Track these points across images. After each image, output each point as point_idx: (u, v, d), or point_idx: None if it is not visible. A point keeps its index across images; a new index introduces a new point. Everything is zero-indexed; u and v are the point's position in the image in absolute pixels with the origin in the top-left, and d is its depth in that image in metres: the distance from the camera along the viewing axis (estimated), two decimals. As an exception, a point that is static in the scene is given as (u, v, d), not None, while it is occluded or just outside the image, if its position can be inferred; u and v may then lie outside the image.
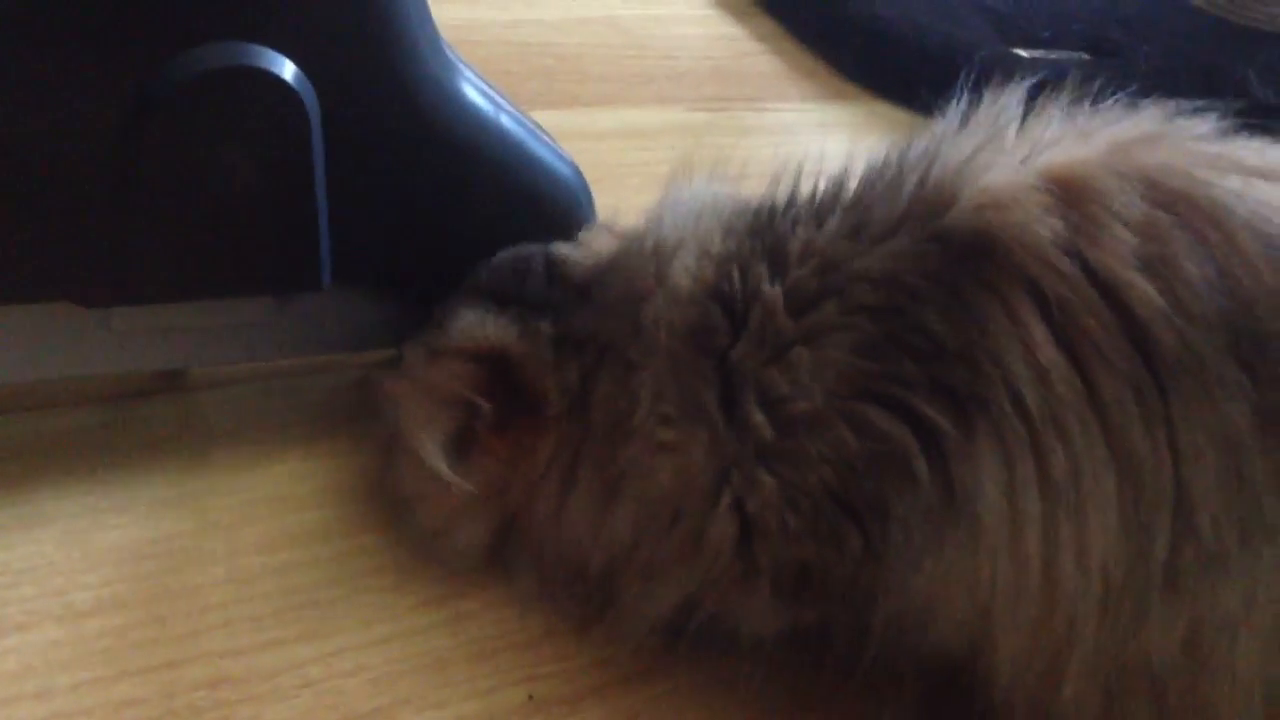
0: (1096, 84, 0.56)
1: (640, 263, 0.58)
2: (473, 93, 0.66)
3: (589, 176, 0.74)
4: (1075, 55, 1.38)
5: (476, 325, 0.60)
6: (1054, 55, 1.36)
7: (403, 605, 0.61)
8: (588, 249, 0.63)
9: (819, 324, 0.51)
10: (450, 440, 0.59)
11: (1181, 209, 0.47)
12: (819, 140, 1.17)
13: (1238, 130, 0.53)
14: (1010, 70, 1.28)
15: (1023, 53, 1.34)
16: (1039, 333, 0.47)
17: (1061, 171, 0.49)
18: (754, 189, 0.60)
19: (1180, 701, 0.48)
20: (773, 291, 0.52)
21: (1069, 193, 0.48)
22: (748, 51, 1.39)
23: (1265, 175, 0.49)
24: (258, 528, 0.65)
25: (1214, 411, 0.45)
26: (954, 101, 0.57)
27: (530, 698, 0.57)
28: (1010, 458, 0.47)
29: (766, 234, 0.55)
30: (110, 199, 0.60)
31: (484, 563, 0.62)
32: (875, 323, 0.50)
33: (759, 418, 0.51)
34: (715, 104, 1.25)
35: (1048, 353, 0.47)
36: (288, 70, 0.59)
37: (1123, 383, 0.46)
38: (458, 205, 0.66)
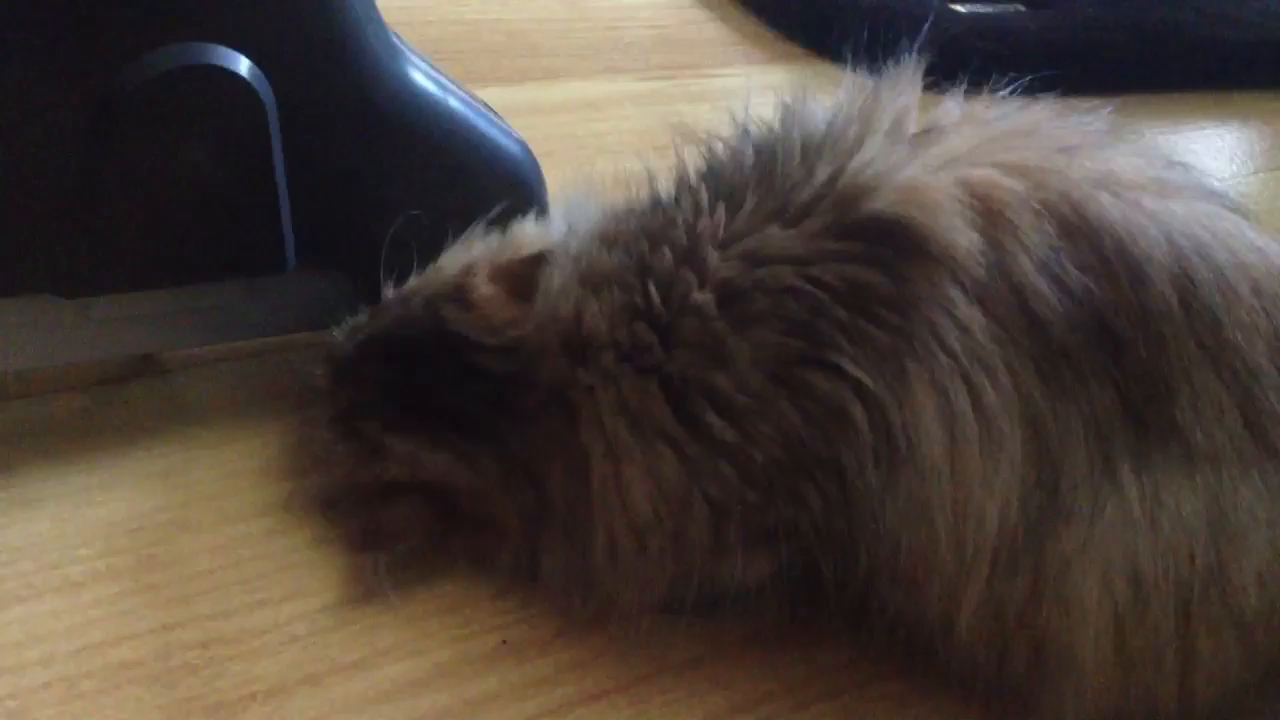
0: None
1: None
2: (420, 78, 0.69)
3: (541, 150, 0.77)
4: (1011, 7, 1.42)
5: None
6: (990, 9, 1.39)
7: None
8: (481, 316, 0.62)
9: (749, 313, 0.54)
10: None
11: (1074, 230, 0.53)
12: (766, 103, 1.19)
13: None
14: (948, 27, 1.31)
15: (960, 8, 1.37)
16: (958, 296, 0.52)
17: (980, 190, 0.54)
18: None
19: (1042, 637, 0.53)
20: (703, 297, 0.55)
21: (986, 211, 0.53)
22: (693, 20, 1.42)
23: (1146, 189, 0.55)
24: (240, 498, 0.68)
25: (1086, 394, 0.52)
26: (850, 73, 0.62)
27: (504, 642, 0.61)
28: (945, 390, 0.52)
29: (667, 232, 0.58)
30: (83, 194, 0.63)
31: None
32: (800, 301, 0.54)
33: (717, 421, 0.55)
34: (663, 72, 1.28)
35: (967, 310, 0.52)
36: (243, 66, 0.62)
37: (1027, 356, 0.52)
38: (411, 188, 0.69)
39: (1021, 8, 1.42)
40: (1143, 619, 0.51)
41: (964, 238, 0.52)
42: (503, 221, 0.68)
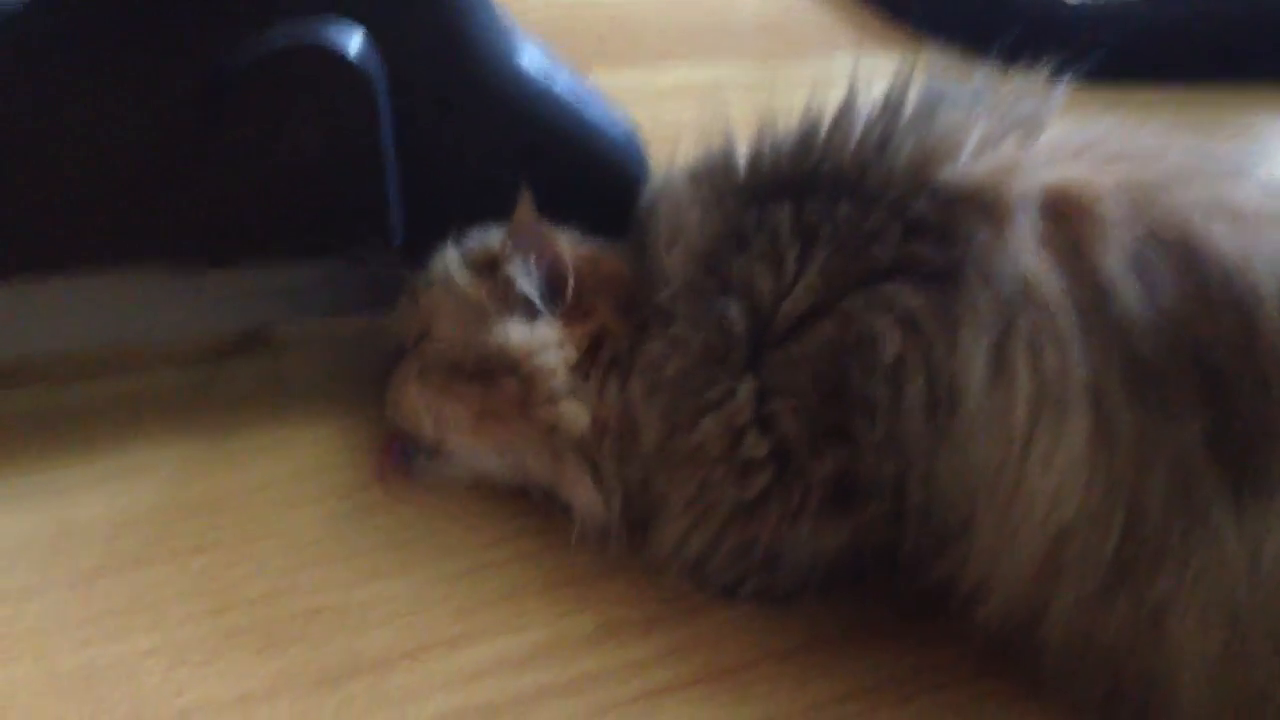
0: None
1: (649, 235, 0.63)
2: (530, 58, 0.69)
3: (646, 135, 0.77)
4: (1130, -1, 1.38)
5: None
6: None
7: (477, 543, 0.65)
8: None
9: (814, 237, 0.55)
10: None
11: (1172, 250, 0.51)
12: (875, 89, 1.17)
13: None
14: (1060, 16, 1.29)
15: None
16: (1027, 250, 0.51)
17: (1075, 185, 0.53)
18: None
19: (1142, 674, 0.52)
20: (786, 218, 0.56)
21: (1073, 205, 0.52)
22: (799, 5, 1.41)
23: (1271, 222, 0.52)
24: (344, 473, 0.69)
25: (1168, 418, 0.49)
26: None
27: (604, 624, 0.61)
28: (999, 344, 0.51)
29: (779, 172, 0.60)
30: (195, 168, 0.63)
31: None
32: (859, 227, 0.55)
33: (733, 312, 0.56)
34: (768, 58, 1.27)
35: (1033, 265, 0.51)
36: (354, 45, 0.62)
37: (1109, 362, 0.50)
38: (515, 169, 0.69)
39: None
40: (1243, 664, 0.49)
41: (1032, 221, 0.52)
42: (609, 207, 0.68)
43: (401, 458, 0.67)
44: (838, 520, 0.57)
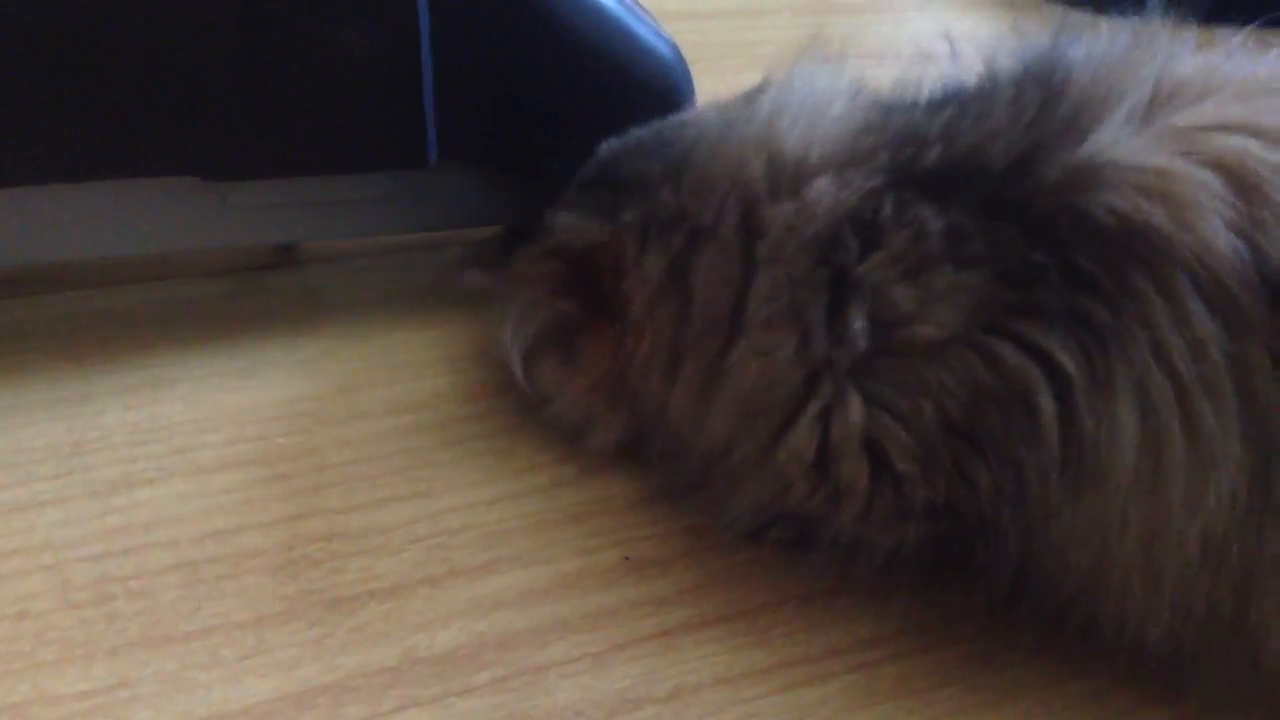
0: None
1: (746, 149, 0.57)
2: (575, -32, 0.67)
3: (691, 56, 0.75)
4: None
5: (567, 227, 0.61)
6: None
7: (508, 469, 0.64)
8: (694, 124, 0.63)
9: (967, 255, 0.51)
10: (550, 339, 0.62)
11: None
12: (923, 20, 1.16)
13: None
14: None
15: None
16: (1196, 308, 0.47)
17: (1233, 165, 0.48)
18: (871, 73, 0.60)
19: (1258, 646, 0.49)
20: (934, 221, 0.51)
21: (1240, 186, 0.48)
22: (855, -70, 1.37)
23: None
24: (373, 392, 0.68)
25: None
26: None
27: (626, 558, 0.60)
28: (1155, 410, 0.47)
29: (915, 161, 0.54)
30: (229, 77, 0.62)
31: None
32: (1022, 259, 0.50)
33: (858, 325, 0.51)
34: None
35: (1203, 324, 0.47)
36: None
37: (1264, 348, 0.46)
38: (557, 83, 0.67)
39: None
40: None
41: (1223, 239, 0.47)
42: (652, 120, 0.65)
43: None
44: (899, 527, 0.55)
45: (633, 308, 0.59)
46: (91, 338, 0.69)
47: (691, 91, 0.73)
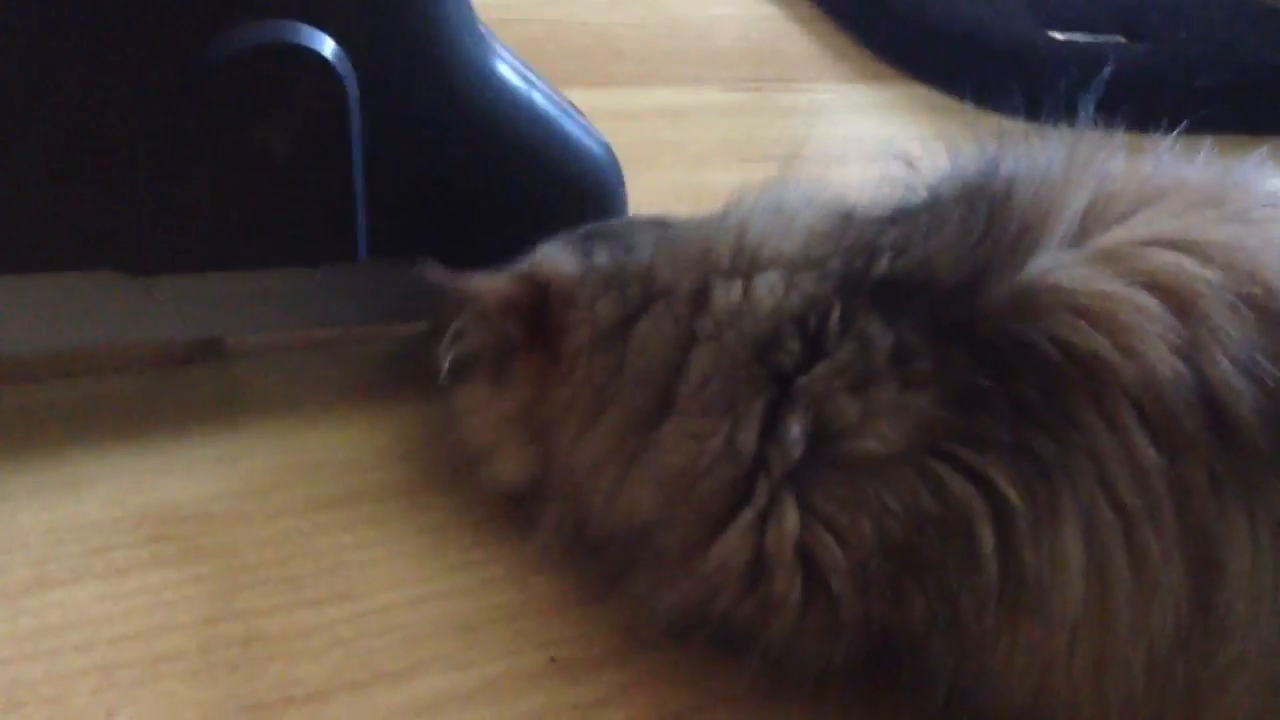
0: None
1: (718, 234, 0.58)
2: (506, 70, 0.68)
3: (623, 156, 0.75)
4: (1111, 39, 1.38)
5: (545, 254, 0.62)
6: (1088, 38, 1.36)
7: (433, 568, 0.63)
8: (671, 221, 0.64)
9: (914, 374, 0.51)
10: (484, 358, 0.63)
11: (1270, 316, 0.48)
12: (852, 121, 1.18)
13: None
14: (1044, 55, 1.29)
15: (1057, 35, 1.34)
16: (1140, 439, 0.47)
17: (1169, 285, 0.48)
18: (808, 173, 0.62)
19: None
20: (882, 336, 0.51)
21: (1178, 307, 0.48)
22: (784, 32, 1.40)
23: None
24: (294, 491, 0.67)
25: (1272, 493, 0.46)
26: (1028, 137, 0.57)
27: (552, 660, 0.59)
28: (1101, 544, 0.47)
29: (866, 272, 0.54)
30: (154, 170, 0.61)
31: (521, 497, 0.64)
32: (968, 383, 0.50)
33: (796, 432, 0.51)
34: (750, 84, 1.26)
35: (1149, 455, 0.47)
36: (328, 48, 0.61)
37: (1205, 469, 0.47)
38: (490, 182, 0.67)
39: (1121, 39, 1.38)
40: None
41: (1166, 364, 0.47)
42: (581, 223, 0.66)
43: None
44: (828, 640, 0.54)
45: (572, 344, 0.59)
46: (7, 435, 0.67)
47: (623, 190, 0.74)
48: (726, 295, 0.55)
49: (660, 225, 0.64)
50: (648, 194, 0.77)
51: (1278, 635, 0.47)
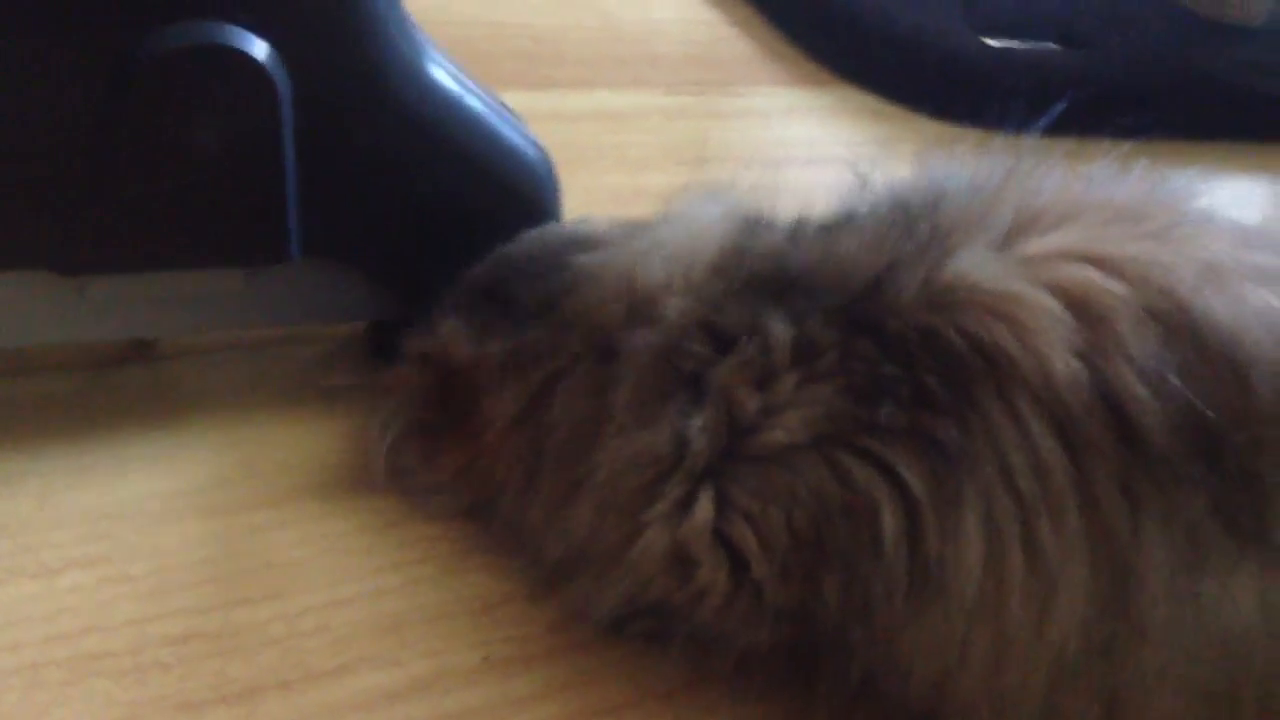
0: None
1: (610, 288, 0.59)
2: (440, 73, 0.68)
3: (561, 158, 0.75)
4: (1045, 46, 1.40)
5: (447, 334, 0.63)
6: (1023, 45, 1.38)
7: (366, 568, 0.63)
8: (580, 250, 0.64)
9: (817, 367, 0.52)
10: (414, 439, 0.64)
11: (1178, 331, 0.49)
12: (791, 126, 1.19)
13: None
14: (980, 62, 1.30)
15: (992, 42, 1.36)
16: (1038, 429, 0.48)
17: (1076, 293, 0.50)
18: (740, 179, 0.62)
19: None
20: (783, 331, 0.53)
21: (1083, 314, 0.50)
22: (723, 36, 1.40)
23: (1247, 278, 0.51)
24: (228, 490, 0.67)
25: (1178, 501, 0.48)
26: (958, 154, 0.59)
27: (485, 659, 0.59)
28: (999, 534, 0.49)
29: (774, 276, 0.56)
30: (86, 170, 0.61)
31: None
32: (873, 374, 0.51)
33: (698, 425, 0.53)
34: (690, 88, 1.26)
35: (1047, 446, 0.48)
36: (260, 49, 0.61)
37: (1113, 477, 0.48)
38: (422, 183, 0.67)
39: (1055, 46, 1.40)
40: None
41: (1061, 361, 0.49)
42: (514, 226, 0.66)
43: None
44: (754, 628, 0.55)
45: (490, 426, 0.61)
46: (-66, 434, 0.67)
47: (557, 193, 0.74)
48: (634, 337, 0.56)
49: (576, 246, 0.64)
50: (586, 196, 0.77)
51: (1204, 643, 0.48)
